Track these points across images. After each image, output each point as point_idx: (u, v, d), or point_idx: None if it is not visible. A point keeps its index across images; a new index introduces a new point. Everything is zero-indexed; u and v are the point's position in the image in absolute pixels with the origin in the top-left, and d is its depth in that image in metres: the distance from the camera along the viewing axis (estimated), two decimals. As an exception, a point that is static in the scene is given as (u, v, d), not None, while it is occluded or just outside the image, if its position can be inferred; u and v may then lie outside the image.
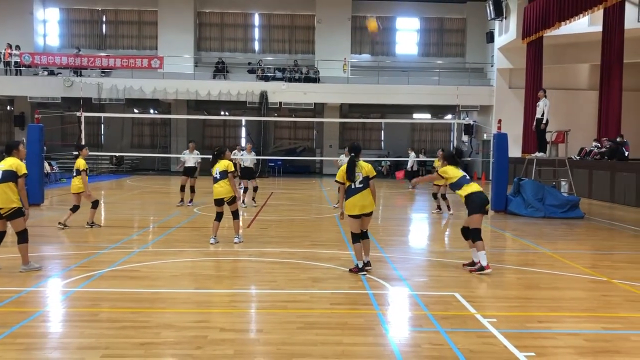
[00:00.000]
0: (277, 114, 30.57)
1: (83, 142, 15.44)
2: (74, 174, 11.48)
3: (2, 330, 5.29)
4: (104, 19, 32.24)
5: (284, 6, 31.81)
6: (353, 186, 7.46)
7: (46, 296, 6.54)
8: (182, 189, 15.60)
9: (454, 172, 7.95)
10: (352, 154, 7.60)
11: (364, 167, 7.51)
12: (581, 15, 20.63)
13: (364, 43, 32.46)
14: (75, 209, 11.49)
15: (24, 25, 30.10)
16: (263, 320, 5.75)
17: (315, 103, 29.21)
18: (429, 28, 32.55)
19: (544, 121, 15.22)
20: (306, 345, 5.03)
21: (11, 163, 7.47)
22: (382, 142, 33.94)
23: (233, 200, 9.84)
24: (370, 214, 7.58)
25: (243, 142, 33.90)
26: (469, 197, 7.75)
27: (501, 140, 14.95)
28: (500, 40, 27.95)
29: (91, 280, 7.13)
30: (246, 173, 15.81)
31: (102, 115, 26.03)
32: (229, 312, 5.99)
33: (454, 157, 8.17)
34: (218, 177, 9.77)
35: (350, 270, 7.64)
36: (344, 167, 7.55)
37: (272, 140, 32.90)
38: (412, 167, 25.41)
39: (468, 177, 7.96)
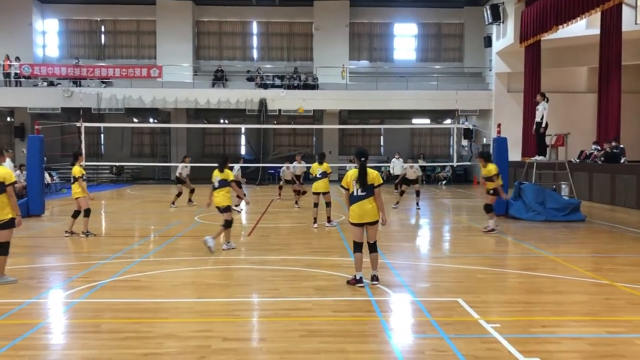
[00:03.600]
0: (276, 121, 30.61)
1: (83, 152, 15.45)
2: (72, 181, 11.54)
3: (4, 342, 5.28)
4: (103, 29, 32.32)
5: (282, 14, 31.91)
6: (355, 193, 7.29)
7: (48, 308, 6.52)
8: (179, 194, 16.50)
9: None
10: (363, 159, 7.36)
11: (370, 175, 7.32)
12: (579, 18, 20.74)
13: (362, 49, 32.53)
14: (76, 214, 11.52)
15: (24, 36, 30.17)
16: (266, 329, 5.73)
17: (314, 110, 29.23)
18: (427, 33, 32.63)
19: (544, 124, 15.22)
20: (309, 353, 5.02)
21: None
22: (382, 148, 33.93)
23: (226, 209, 9.96)
24: (374, 224, 7.33)
25: (243, 150, 34.03)
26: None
27: (501, 144, 14.96)
28: (498, 45, 28.04)
29: (93, 291, 7.11)
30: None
31: (102, 125, 26.10)
32: (232, 321, 5.97)
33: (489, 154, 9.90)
34: (217, 186, 9.95)
35: (348, 282, 7.38)
36: (349, 173, 7.40)
37: (271, 148, 32.91)
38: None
39: None
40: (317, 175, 13.37)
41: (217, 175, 9.99)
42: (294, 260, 9.19)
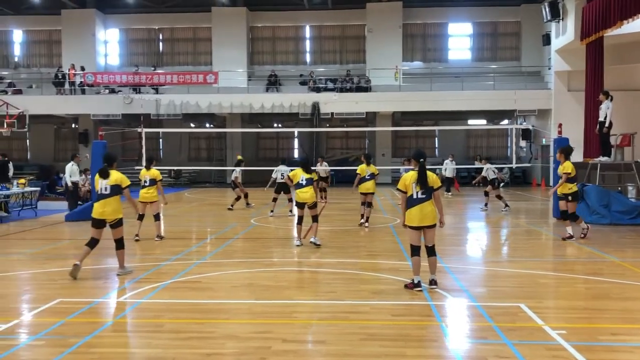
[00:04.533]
0: (329, 124, 30.69)
1: (144, 157, 15.99)
2: (147, 184, 11.77)
3: (75, 340, 5.51)
4: (161, 37, 33.33)
5: (334, 17, 32.00)
6: (415, 196, 7.19)
7: (115, 307, 6.76)
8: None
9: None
10: (422, 160, 7.24)
11: (430, 177, 7.22)
12: (644, 12, 19.78)
13: (416, 50, 32.20)
14: (140, 217, 11.79)
15: (87, 46, 31.47)
16: (325, 332, 5.74)
17: (367, 112, 29.14)
18: (483, 32, 31.96)
19: (607, 124, 14.61)
20: (369, 357, 5.00)
21: (115, 178, 8.25)
22: (437, 150, 33.46)
23: (314, 205, 10.62)
24: (432, 227, 7.25)
25: (296, 154, 34.30)
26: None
27: (562, 145, 14.41)
28: (557, 42, 27.13)
29: (156, 292, 7.33)
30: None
31: (161, 130, 26.83)
32: (291, 322, 6.03)
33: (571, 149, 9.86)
34: (304, 184, 10.51)
35: (406, 287, 7.31)
36: (407, 176, 7.28)
37: (324, 151, 33.01)
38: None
39: None
40: (366, 177, 13.56)
41: (303, 174, 10.60)
42: (350, 263, 9.18)
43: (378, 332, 5.65)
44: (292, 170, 11.68)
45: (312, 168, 18.70)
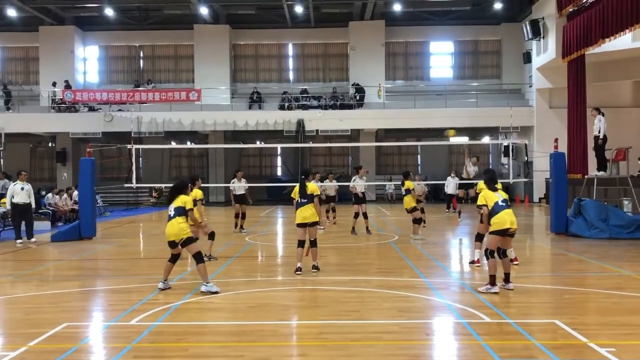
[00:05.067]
0: (313, 141, 30.52)
1: (134, 175, 15.50)
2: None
3: (96, 368, 5.10)
4: (142, 55, 32.85)
5: (317, 35, 32.01)
6: (505, 203, 7.99)
7: (129, 331, 6.29)
8: (237, 216, 15.89)
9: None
10: (490, 177, 8.33)
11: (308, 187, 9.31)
12: (627, 30, 20.21)
13: (398, 68, 32.38)
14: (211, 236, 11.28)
15: (66, 63, 30.77)
16: (363, 354, 5.41)
17: (351, 129, 29.07)
18: (464, 51, 32.35)
19: (601, 137, 14.71)
20: (420, 379, 4.70)
21: (182, 200, 8.23)
22: (419, 167, 33.52)
23: (315, 224, 9.67)
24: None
25: (279, 172, 33.99)
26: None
27: (559, 159, 14.48)
28: (538, 60, 27.58)
29: (169, 314, 6.92)
30: (239, 199, 15.89)
31: (151, 147, 26.11)
32: (323, 344, 5.69)
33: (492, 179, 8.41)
34: (305, 202, 9.58)
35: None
36: (487, 193, 8.19)
37: (308, 168, 32.73)
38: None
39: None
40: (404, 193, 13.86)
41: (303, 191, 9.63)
42: (363, 280, 8.88)
43: (420, 353, 5.36)
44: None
45: (320, 184, 18.44)
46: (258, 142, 31.94)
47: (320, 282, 8.78)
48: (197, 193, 11.10)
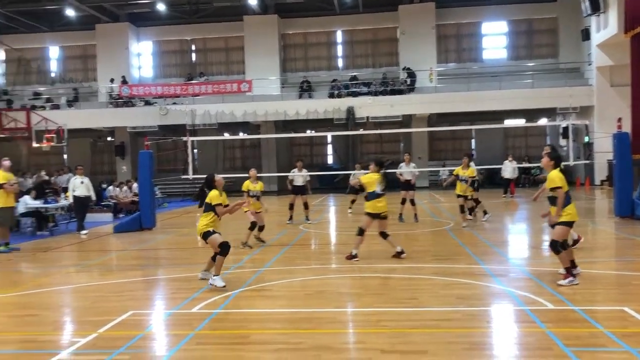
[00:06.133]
0: (363, 129, 30.32)
1: (190, 166, 15.86)
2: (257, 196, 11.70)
3: (161, 354, 5.27)
4: (193, 48, 33.44)
5: (366, 21, 31.69)
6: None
7: (191, 318, 6.45)
8: (291, 207, 15.78)
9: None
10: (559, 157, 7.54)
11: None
12: (696, 1, 19.03)
13: (450, 51, 31.70)
14: (252, 226, 11.61)
15: (121, 59, 31.71)
16: (423, 341, 5.35)
17: (403, 115, 28.71)
18: (518, 30, 31.31)
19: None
20: (482, 367, 4.62)
21: (209, 196, 7.95)
22: (474, 151, 32.81)
23: (386, 217, 9.70)
24: None
25: (330, 160, 34.04)
26: None
27: (622, 140, 13.85)
28: (598, 37, 26.37)
29: (229, 301, 7.05)
30: (297, 190, 15.88)
31: (205, 138, 26.63)
32: (382, 332, 5.67)
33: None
34: (383, 193, 9.54)
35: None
36: (561, 174, 7.21)
37: (358, 156, 32.63)
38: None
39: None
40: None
41: (379, 181, 9.52)
42: (418, 268, 8.79)
43: (481, 341, 5.27)
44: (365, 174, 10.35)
45: (365, 172, 18.36)
46: (308, 131, 32.05)
47: (376, 270, 8.75)
48: (247, 185, 11.62)
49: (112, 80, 30.33)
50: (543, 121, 30.81)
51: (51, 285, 8.47)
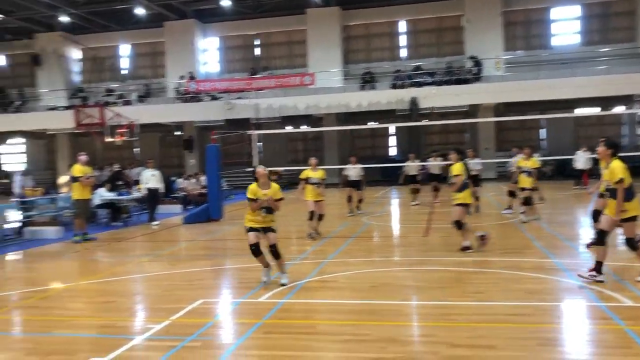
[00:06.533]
0: (427, 119, 29.84)
1: (255, 159, 16.14)
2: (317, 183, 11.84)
3: (230, 342, 5.41)
4: (257, 43, 33.93)
5: (430, 10, 31.09)
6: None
7: (259, 308, 6.58)
8: (349, 199, 15.86)
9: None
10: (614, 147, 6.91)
11: None
12: None
13: (518, 38, 30.64)
14: (311, 216, 11.72)
15: (189, 55, 32.63)
16: (491, 335, 5.24)
17: (469, 105, 28.04)
18: (592, 14, 29.84)
19: None
20: (556, 364, 4.47)
21: (248, 189, 7.54)
22: (545, 142, 31.66)
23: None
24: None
25: (393, 152, 33.75)
26: None
27: None
28: (681, 18, 24.77)
29: (295, 292, 7.15)
30: (352, 184, 15.99)
31: (269, 132, 27.03)
32: (449, 325, 5.59)
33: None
34: (468, 182, 9.54)
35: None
36: (622, 165, 6.67)
37: (422, 148, 32.16)
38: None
39: None
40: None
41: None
42: (486, 261, 8.60)
43: (555, 337, 5.11)
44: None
45: (422, 164, 18.26)
46: (370, 123, 31.87)
47: (443, 263, 8.62)
48: (306, 173, 11.93)
49: (181, 77, 31.26)
50: (619, 109, 29.31)
51: (126, 274, 8.85)
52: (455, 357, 4.73)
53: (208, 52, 34.31)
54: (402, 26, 32.18)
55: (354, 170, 16.15)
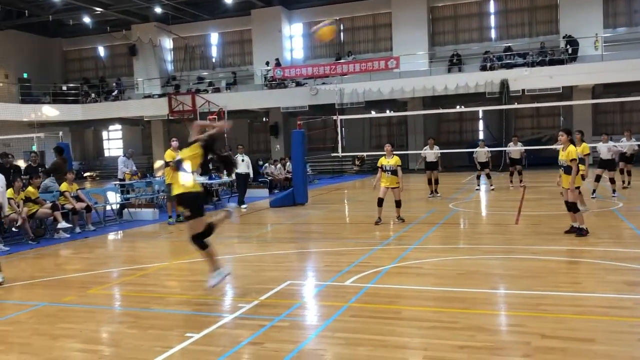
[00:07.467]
0: (518, 102, 28.62)
1: (339, 144, 16.23)
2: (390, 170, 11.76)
3: (317, 323, 5.51)
4: (342, 27, 33.89)
5: (522, -13, 29.72)
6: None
7: (345, 291, 6.64)
8: (429, 182, 16.44)
9: None
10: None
11: None
12: None
13: (619, 14, 28.60)
14: (379, 202, 11.75)
15: (275, 42, 33.18)
16: (587, 328, 5.01)
17: (563, 87, 26.60)
18: None
19: None
20: (660, 362, 4.21)
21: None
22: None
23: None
24: None
25: (481, 135, 32.71)
26: None
27: None
28: None
29: (380, 276, 7.16)
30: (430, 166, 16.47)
31: (353, 117, 26.92)
32: (542, 316, 5.39)
33: None
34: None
35: None
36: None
37: (512, 131, 30.92)
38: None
39: None
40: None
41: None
42: (582, 250, 8.19)
43: (658, 333, 4.79)
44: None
45: (505, 149, 17.67)
46: (458, 107, 31.04)
47: (534, 252, 8.30)
48: (381, 160, 11.94)
49: (267, 64, 31.87)
50: None
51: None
52: (547, 348, 4.56)
53: (294, 39, 34.69)
54: (492, 6, 30.96)
55: (431, 153, 16.50)
